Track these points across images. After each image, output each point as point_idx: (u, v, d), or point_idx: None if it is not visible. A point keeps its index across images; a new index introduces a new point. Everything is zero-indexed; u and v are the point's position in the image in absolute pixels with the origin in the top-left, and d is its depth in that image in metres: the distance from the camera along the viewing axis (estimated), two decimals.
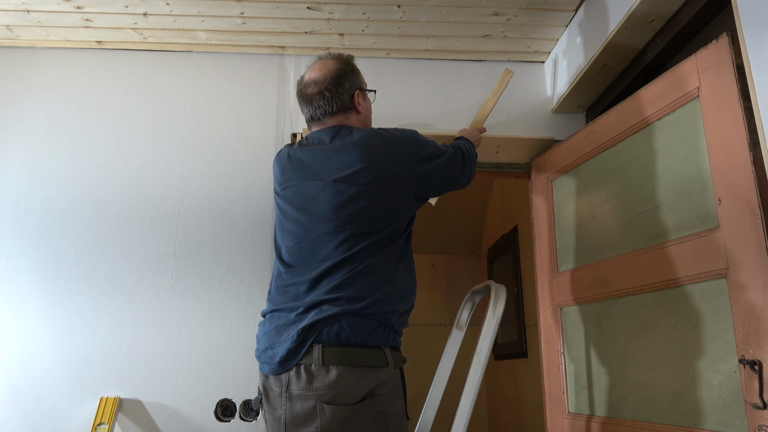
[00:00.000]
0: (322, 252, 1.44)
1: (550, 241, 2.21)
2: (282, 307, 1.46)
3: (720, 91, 1.50)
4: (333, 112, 1.61)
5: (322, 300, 1.38)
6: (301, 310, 1.39)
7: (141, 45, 2.41)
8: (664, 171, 1.70)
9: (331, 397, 1.28)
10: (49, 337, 2.08)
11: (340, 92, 1.60)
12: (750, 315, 1.36)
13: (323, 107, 1.60)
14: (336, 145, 1.53)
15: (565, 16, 2.24)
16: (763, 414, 1.29)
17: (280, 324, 1.42)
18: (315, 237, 1.46)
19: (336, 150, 1.51)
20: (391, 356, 1.38)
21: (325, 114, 1.61)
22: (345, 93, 1.61)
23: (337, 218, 1.44)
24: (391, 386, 1.36)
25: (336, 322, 1.35)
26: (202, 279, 2.18)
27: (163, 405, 2.04)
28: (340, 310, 1.35)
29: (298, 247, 1.50)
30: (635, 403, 1.72)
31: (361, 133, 1.53)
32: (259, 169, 2.31)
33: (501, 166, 2.51)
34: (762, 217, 1.35)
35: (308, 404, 1.29)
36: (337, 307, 1.36)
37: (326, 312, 1.35)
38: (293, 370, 1.33)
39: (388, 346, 1.39)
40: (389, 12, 2.20)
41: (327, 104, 1.60)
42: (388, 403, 1.33)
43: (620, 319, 1.82)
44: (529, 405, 3.40)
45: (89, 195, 2.24)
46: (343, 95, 1.61)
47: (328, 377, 1.29)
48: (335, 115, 1.61)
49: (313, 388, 1.29)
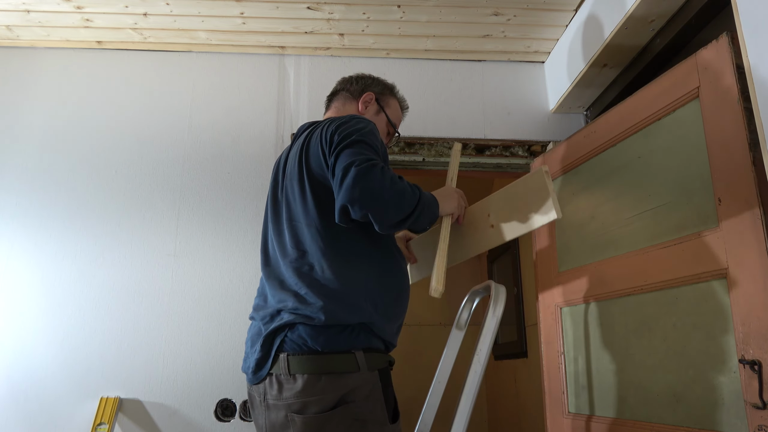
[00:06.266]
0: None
1: (550, 241, 2.21)
2: (254, 315, 1.45)
3: (720, 91, 1.50)
4: (334, 93, 1.69)
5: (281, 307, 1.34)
6: (267, 318, 1.36)
7: (141, 45, 2.41)
8: (664, 171, 1.70)
9: (300, 406, 1.23)
10: (50, 337, 2.08)
11: (356, 81, 1.67)
12: (750, 315, 1.36)
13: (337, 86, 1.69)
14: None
15: (565, 16, 2.24)
16: (763, 414, 1.29)
17: (254, 333, 1.40)
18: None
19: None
20: (364, 359, 1.28)
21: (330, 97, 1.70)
22: (358, 84, 1.66)
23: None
24: (368, 391, 1.27)
25: (294, 329, 1.29)
26: (202, 278, 2.18)
27: (163, 405, 2.04)
28: (295, 319, 1.29)
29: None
30: (635, 403, 1.72)
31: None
32: (259, 169, 2.31)
33: (501, 166, 2.51)
34: (762, 217, 1.35)
35: (281, 414, 1.26)
36: (294, 315, 1.30)
37: (285, 319, 1.30)
38: (267, 380, 1.30)
39: (359, 348, 1.28)
40: (389, 12, 2.20)
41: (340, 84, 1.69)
42: (365, 408, 1.25)
43: (620, 319, 1.82)
44: (529, 405, 3.40)
45: (89, 195, 2.24)
46: (354, 83, 1.66)
47: (295, 386, 1.24)
48: (334, 100, 1.68)
49: (283, 397, 1.26)
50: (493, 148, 2.47)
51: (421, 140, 2.42)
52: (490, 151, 2.47)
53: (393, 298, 1.39)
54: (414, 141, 2.42)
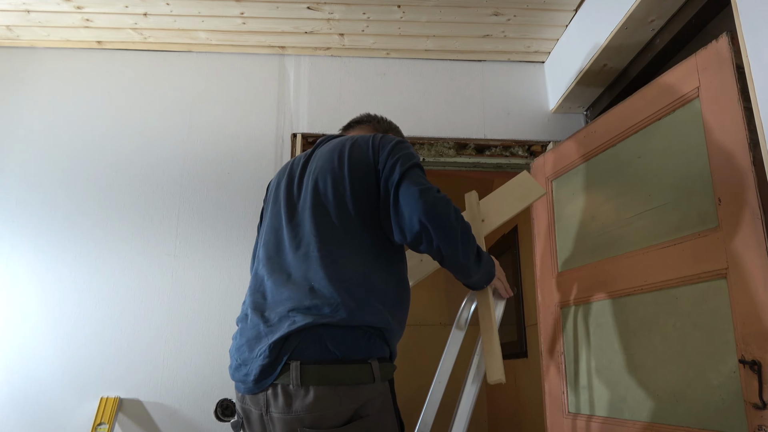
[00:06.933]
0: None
1: (550, 241, 2.21)
2: (250, 313, 1.32)
3: (720, 91, 1.50)
4: (359, 121, 1.71)
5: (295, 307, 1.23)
6: (274, 319, 1.24)
7: (141, 45, 2.41)
8: (664, 171, 1.70)
9: (312, 420, 1.14)
10: (50, 337, 2.08)
11: (383, 121, 1.69)
12: (750, 315, 1.36)
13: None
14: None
15: (565, 16, 2.24)
16: (762, 414, 1.29)
17: (251, 335, 1.26)
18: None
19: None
20: (379, 369, 1.20)
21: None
22: (383, 124, 1.68)
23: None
24: (380, 403, 1.20)
25: (312, 333, 1.18)
26: (202, 278, 2.18)
27: (163, 405, 2.04)
28: (313, 320, 1.18)
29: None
30: (635, 403, 1.72)
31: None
32: (259, 169, 2.31)
33: (501, 166, 2.52)
34: (762, 217, 1.35)
35: (289, 429, 1.15)
36: (311, 316, 1.19)
37: (299, 323, 1.18)
38: (270, 390, 1.18)
39: (375, 357, 1.21)
40: (389, 12, 2.20)
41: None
42: (378, 423, 1.19)
43: (620, 319, 1.82)
44: (529, 405, 3.40)
45: (89, 195, 2.24)
46: (381, 123, 1.68)
47: (307, 398, 1.14)
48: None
49: (293, 410, 1.15)
50: (493, 148, 2.47)
51: (421, 140, 2.42)
52: (490, 151, 2.47)
53: (405, 308, 1.35)
54: (414, 141, 2.42)
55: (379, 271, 1.28)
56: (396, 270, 1.34)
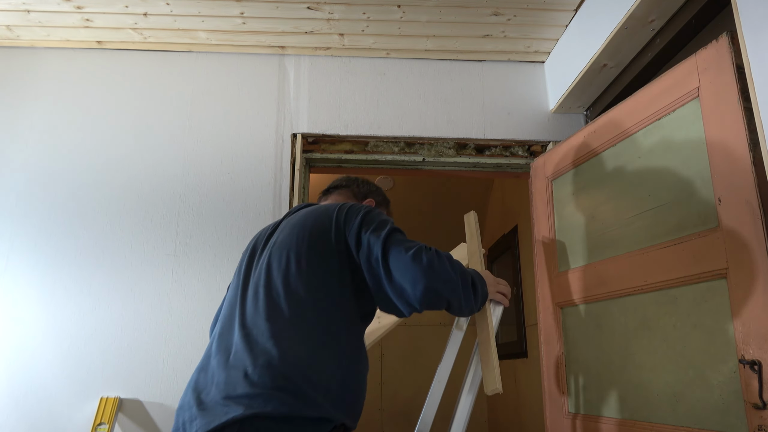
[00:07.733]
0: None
1: (550, 241, 2.21)
2: (197, 376, 1.24)
3: (720, 91, 1.50)
4: (337, 186, 1.67)
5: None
6: (210, 403, 1.14)
7: (141, 45, 2.41)
8: (664, 171, 1.70)
9: None
10: (50, 337, 2.08)
11: (362, 184, 1.67)
12: (750, 315, 1.36)
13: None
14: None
15: (565, 16, 2.24)
16: (762, 414, 1.29)
17: (186, 418, 1.16)
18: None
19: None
20: None
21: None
22: (363, 188, 1.66)
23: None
24: None
25: (249, 425, 1.07)
26: (202, 278, 2.18)
27: (163, 405, 2.04)
28: (244, 412, 1.07)
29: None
30: (635, 403, 1.72)
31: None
32: (259, 169, 2.32)
33: (501, 166, 2.52)
34: (762, 217, 1.35)
35: None
36: (242, 406, 1.08)
37: (231, 414, 1.07)
38: None
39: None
40: (389, 12, 2.20)
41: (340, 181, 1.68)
42: None
43: (620, 319, 1.82)
44: (529, 405, 3.40)
45: (89, 195, 2.24)
46: (360, 186, 1.66)
47: None
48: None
49: None
50: (493, 148, 2.47)
51: (421, 140, 2.42)
52: (490, 151, 2.47)
53: (358, 391, 1.22)
54: (414, 141, 2.42)
55: (328, 356, 1.17)
56: (349, 348, 1.23)
